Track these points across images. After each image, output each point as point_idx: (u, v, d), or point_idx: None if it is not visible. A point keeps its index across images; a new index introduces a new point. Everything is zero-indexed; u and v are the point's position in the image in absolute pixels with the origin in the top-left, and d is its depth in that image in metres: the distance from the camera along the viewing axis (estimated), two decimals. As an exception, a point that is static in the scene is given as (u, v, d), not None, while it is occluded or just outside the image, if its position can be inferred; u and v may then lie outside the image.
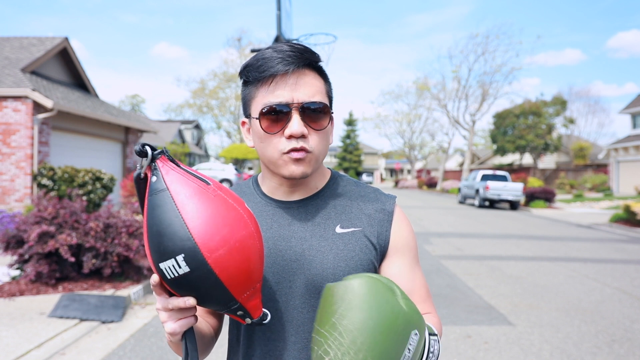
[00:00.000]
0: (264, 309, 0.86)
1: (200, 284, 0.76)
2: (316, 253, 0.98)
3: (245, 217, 0.81)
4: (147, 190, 0.80)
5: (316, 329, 0.78)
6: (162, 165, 0.79)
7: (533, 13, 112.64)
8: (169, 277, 0.76)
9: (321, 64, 1.00)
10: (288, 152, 0.94)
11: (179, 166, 0.81)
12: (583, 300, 5.84)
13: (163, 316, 0.81)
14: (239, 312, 0.82)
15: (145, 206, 0.79)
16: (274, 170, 0.99)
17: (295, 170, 0.95)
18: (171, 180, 0.78)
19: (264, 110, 0.94)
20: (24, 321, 4.52)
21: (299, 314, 0.97)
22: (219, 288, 0.76)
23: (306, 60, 0.95)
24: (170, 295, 0.81)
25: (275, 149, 0.96)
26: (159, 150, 0.80)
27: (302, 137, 0.94)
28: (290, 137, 0.94)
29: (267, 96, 0.94)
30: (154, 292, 0.83)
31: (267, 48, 0.96)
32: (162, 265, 0.76)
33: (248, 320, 0.83)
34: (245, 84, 1.00)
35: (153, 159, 0.79)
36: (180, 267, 0.74)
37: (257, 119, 0.96)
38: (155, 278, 0.79)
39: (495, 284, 6.62)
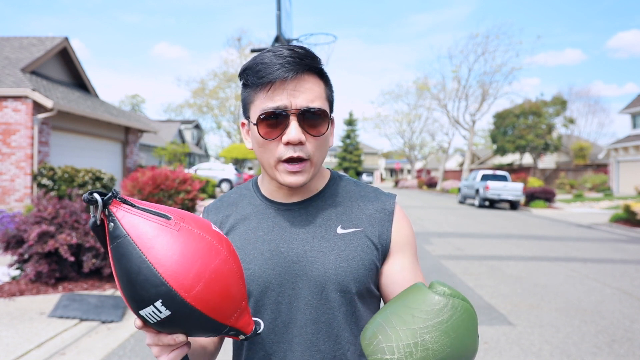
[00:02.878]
0: (255, 319, 0.85)
1: (185, 321, 0.74)
2: (318, 254, 0.98)
3: (215, 243, 0.77)
4: (107, 239, 0.75)
5: (387, 320, 0.77)
6: (117, 209, 0.75)
7: (533, 13, 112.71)
8: (151, 322, 0.74)
9: (322, 67, 0.99)
10: (285, 161, 0.94)
11: (134, 206, 0.76)
12: (583, 300, 5.84)
13: (155, 351, 0.80)
14: (232, 332, 0.81)
15: (110, 255, 0.76)
16: (272, 176, 0.99)
17: (293, 181, 0.96)
18: (129, 224, 0.74)
19: (261, 117, 0.94)
20: (24, 321, 4.52)
21: (302, 315, 0.97)
22: (205, 321, 0.75)
23: (306, 65, 0.94)
24: (159, 332, 0.79)
25: (272, 156, 0.96)
26: (109, 195, 0.75)
27: (300, 143, 0.93)
28: (288, 143, 0.93)
29: (266, 102, 0.93)
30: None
31: (267, 51, 0.95)
32: (142, 312, 0.73)
33: (242, 337, 0.82)
34: (245, 86, 0.99)
35: (105, 205, 0.74)
36: (160, 312, 0.72)
37: (255, 124, 0.96)
38: (138, 322, 0.77)
39: (495, 284, 6.62)
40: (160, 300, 0.72)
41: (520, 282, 6.72)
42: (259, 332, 0.85)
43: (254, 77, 0.94)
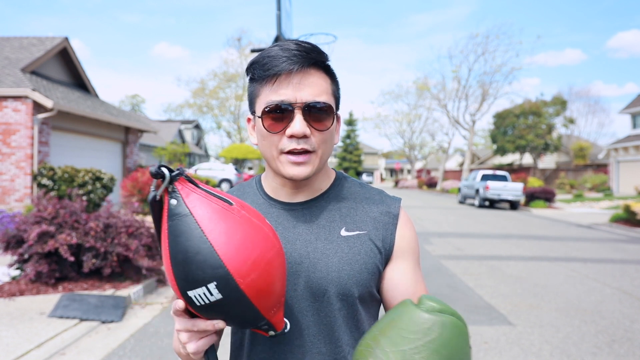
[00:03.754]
0: (285, 319, 0.86)
1: (232, 308, 0.74)
2: (321, 256, 0.97)
3: (271, 235, 0.78)
4: (166, 214, 0.75)
5: (378, 342, 0.76)
6: (182, 187, 0.75)
7: (534, 13, 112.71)
8: (197, 304, 0.74)
9: (328, 62, 0.98)
10: (288, 152, 0.94)
11: (198, 187, 0.77)
12: (583, 300, 5.84)
13: (184, 337, 0.79)
14: (265, 327, 0.81)
15: (165, 232, 0.74)
16: (275, 169, 0.98)
17: (297, 172, 0.94)
18: (193, 203, 0.74)
19: (266, 109, 0.93)
20: (24, 321, 4.52)
21: (303, 317, 0.96)
22: (250, 310, 0.75)
23: (312, 59, 0.93)
24: (192, 315, 0.78)
25: (275, 148, 0.95)
26: (177, 172, 0.75)
27: (304, 137, 0.93)
28: (292, 136, 0.93)
29: (271, 95, 0.93)
30: (173, 315, 0.80)
31: (274, 45, 0.95)
32: (191, 293, 0.73)
33: (272, 333, 0.82)
34: (251, 80, 0.98)
35: (171, 181, 0.74)
36: (212, 294, 0.72)
37: (260, 117, 0.95)
38: (180, 304, 0.76)
39: (495, 284, 6.62)
40: (215, 283, 0.71)
41: (520, 282, 6.72)
42: (286, 331, 0.85)
43: (260, 69, 0.94)
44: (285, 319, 0.86)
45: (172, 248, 0.73)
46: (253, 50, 11.27)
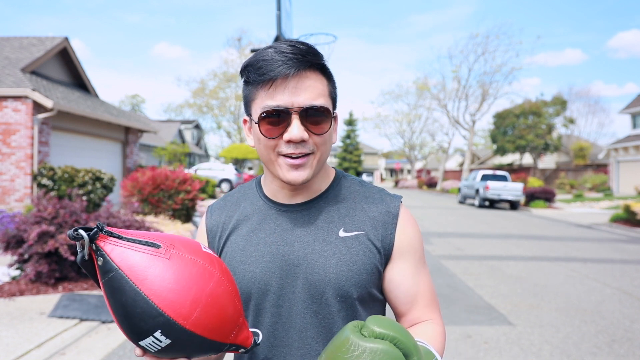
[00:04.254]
0: (253, 330, 0.86)
1: (186, 347, 0.74)
2: (319, 258, 0.96)
3: (207, 266, 0.77)
4: (98, 274, 0.74)
5: None
6: (104, 243, 0.73)
7: (534, 13, 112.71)
8: (152, 351, 0.74)
9: (325, 63, 0.97)
10: (285, 156, 0.93)
11: (121, 238, 0.75)
12: (583, 300, 5.84)
13: None
14: (232, 348, 0.81)
15: (103, 290, 0.75)
16: (273, 173, 0.97)
17: (296, 177, 0.94)
18: (119, 257, 0.72)
19: (263, 115, 0.92)
20: (24, 321, 4.52)
21: (301, 319, 0.96)
22: (205, 343, 0.75)
23: (308, 62, 0.92)
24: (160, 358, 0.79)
25: (273, 152, 0.94)
26: (94, 230, 0.73)
27: (302, 141, 0.92)
28: (290, 141, 0.92)
29: (267, 100, 0.92)
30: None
31: (269, 47, 0.93)
32: (142, 343, 0.73)
33: (242, 351, 0.83)
34: (246, 83, 0.97)
35: (92, 241, 0.73)
36: (160, 341, 0.72)
37: (256, 123, 0.94)
38: (138, 352, 0.77)
39: (495, 284, 6.62)
40: (160, 331, 0.71)
41: (520, 282, 6.72)
42: (258, 343, 0.85)
43: (255, 74, 0.92)
44: (254, 330, 0.86)
45: (112, 305, 0.73)
46: (253, 50, 11.27)
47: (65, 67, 15.79)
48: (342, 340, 0.76)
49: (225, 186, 25.54)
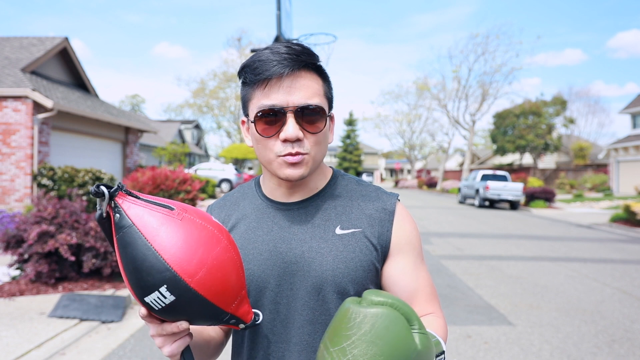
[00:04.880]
0: (254, 310, 0.88)
1: (189, 307, 0.77)
2: (315, 255, 0.97)
3: (216, 232, 0.81)
4: (113, 229, 0.79)
5: (325, 344, 0.78)
6: (122, 201, 0.78)
7: (534, 13, 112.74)
8: (156, 309, 0.77)
9: (320, 63, 0.99)
10: (284, 156, 0.94)
11: (139, 198, 0.79)
12: (583, 300, 5.84)
13: (158, 341, 0.82)
14: (232, 321, 0.83)
15: (116, 245, 0.78)
16: (271, 171, 0.99)
17: (292, 173, 0.95)
18: (134, 214, 0.77)
19: (259, 114, 0.94)
20: (24, 321, 4.52)
21: (299, 315, 0.97)
22: (207, 307, 0.78)
23: (302, 62, 0.94)
24: (162, 321, 0.81)
25: (270, 152, 0.96)
26: (115, 188, 0.78)
27: (298, 140, 0.93)
28: (286, 140, 0.93)
29: (262, 99, 0.94)
30: (144, 321, 0.82)
31: (265, 49, 0.95)
32: (147, 299, 0.76)
33: (242, 326, 0.85)
34: (243, 84, 0.99)
35: (111, 197, 0.78)
36: (165, 297, 0.75)
37: (252, 122, 0.96)
38: (143, 311, 0.80)
39: (495, 284, 6.62)
40: (165, 286, 0.74)
41: (520, 282, 6.72)
42: (257, 322, 0.87)
43: (251, 74, 0.95)
44: (256, 310, 0.89)
45: (123, 259, 0.77)
46: (253, 50, 11.26)
47: (65, 67, 15.78)
48: (342, 312, 0.77)
49: (225, 186, 25.53)
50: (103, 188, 0.77)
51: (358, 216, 1.01)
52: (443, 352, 0.85)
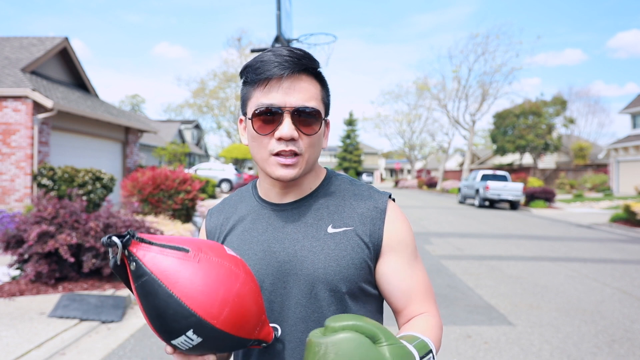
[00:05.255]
0: (272, 325, 0.92)
1: (216, 344, 0.79)
2: (308, 254, 0.99)
3: (233, 268, 0.82)
4: (130, 277, 0.79)
5: None
6: (137, 250, 0.77)
7: (534, 13, 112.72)
8: (183, 349, 0.79)
9: (320, 70, 1.02)
10: (277, 155, 0.97)
11: (152, 243, 0.79)
12: (583, 300, 5.84)
13: None
14: (255, 343, 0.86)
15: (135, 293, 0.79)
16: (264, 170, 1.01)
17: (284, 174, 0.98)
18: (151, 262, 0.77)
19: (256, 112, 0.97)
20: (24, 321, 4.52)
21: (292, 313, 0.99)
22: (233, 340, 0.80)
23: (303, 65, 0.97)
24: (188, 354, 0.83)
25: (265, 150, 0.98)
26: (127, 238, 0.77)
27: (292, 140, 0.96)
28: (280, 139, 0.96)
29: (261, 98, 0.97)
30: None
31: (268, 51, 0.98)
32: (174, 342, 0.78)
33: (264, 345, 0.88)
34: (244, 84, 1.02)
35: (125, 247, 0.77)
36: (192, 340, 0.77)
37: (250, 119, 0.99)
38: (169, 349, 0.81)
39: (495, 284, 6.62)
40: (192, 330, 0.76)
41: (520, 282, 6.72)
42: (278, 336, 0.91)
43: (252, 73, 0.98)
44: (274, 325, 0.92)
45: (145, 307, 0.78)
46: (253, 50, 11.26)
47: (65, 67, 15.78)
48: (308, 347, 0.78)
49: (225, 186, 25.53)
50: (115, 239, 0.76)
51: (350, 215, 1.03)
52: (430, 352, 0.85)
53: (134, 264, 0.77)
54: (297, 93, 0.96)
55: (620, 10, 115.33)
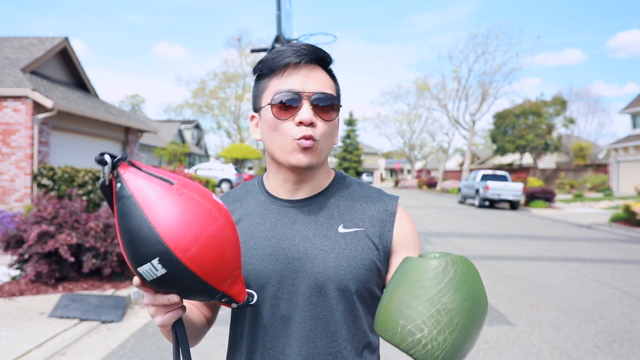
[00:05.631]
0: (248, 291, 0.89)
1: (180, 281, 0.78)
2: (318, 252, 0.99)
3: (213, 211, 0.81)
4: (114, 197, 0.80)
5: (404, 302, 0.78)
6: (124, 171, 0.79)
7: (534, 13, 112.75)
8: (148, 280, 0.78)
9: (332, 66, 1.04)
10: (299, 139, 0.96)
11: (141, 170, 0.80)
12: (583, 300, 5.84)
13: (151, 310, 0.84)
14: (224, 299, 0.84)
15: (115, 213, 0.80)
16: (282, 158, 1.00)
17: (302, 159, 0.97)
18: (135, 185, 0.78)
19: (275, 97, 0.97)
20: (24, 321, 4.52)
21: (300, 311, 0.98)
22: (198, 283, 0.78)
23: (319, 57, 0.99)
24: (155, 291, 0.83)
25: (286, 135, 0.98)
26: (119, 157, 0.79)
27: (312, 124, 0.97)
28: (300, 124, 0.96)
29: (279, 84, 0.98)
30: (139, 290, 0.84)
31: (283, 45, 1.01)
32: (140, 270, 0.77)
33: (234, 305, 0.86)
34: (259, 77, 1.04)
35: (114, 167, 0.79)
36: (157, 269, 0.76)
37: (269, 105, 0.99)
38: (136, 280, 0.81)
39: (495, 284, 6.62)
40: (158, 259, 0.75)
41: (520, 282, 6.72)
42: (251, 302, 0.88)
43: (270, 62, 1.00)
44: (251, 291, 0.90)
45: (120, 228, 0.78)
46: (253, 50, 11.27)
47: (65, 67, 15.78)
48: (417, 267, 0.80)
49: (225, 186, 25.54)
50: (106, 157, 0.78)
51: (360, 216, 1.03)
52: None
53: (120, 184, 0.78)
54: (315, 80, 0.98)
55: (620, 10, 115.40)
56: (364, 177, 60.76)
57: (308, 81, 0.97)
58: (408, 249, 1.04)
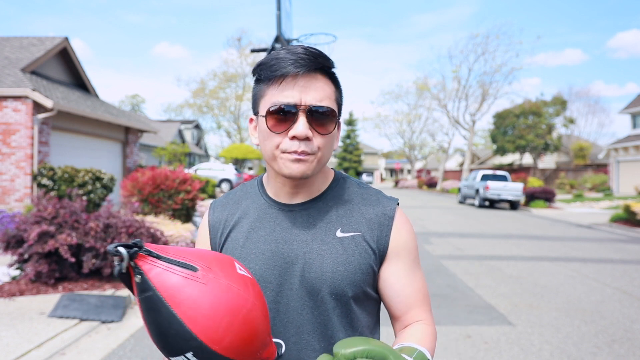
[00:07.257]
0: (276, 341, 0.89)
1: None
2: (316, 257, 0.99)
3: (241, 292, 0.78)
4: (135, 288, 0.76)
5: None
6: (143, 263, 0.75)
7: (534, 13, 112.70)
8: None
9: (334, 70, 1.01)
10: (290, 153, 0.95)
11: (159, 258, 0.76)
12: (583, 300, 5.84)
13: None
14: None
15: (139, 305, 0.77)
16: (275, 168, 0.99)
17: (295, 169, 0.96)
18: (156, 278, 0.74)
19: (271, 109, 0.95)
20: (24, 321, 4.52)
21: (298, 315, 0.99)
22: None
23: (318, 64, 0.96)
24: None
25: (277, 148, 0.96)
26: (134, 250, 0.74)
27: (306, 139, 0.94)
28: (294, 138, 0.94)
29: (276, 95, 0.95)
30: None
31: (283, 49, 0.97)
32: (174, 359, 0.76)
33: None
34: (257, 81, 1.01)
35: (131, 259, 0.75)
36: None
37: (264, 116, 0.97)
38: None
39: (495, 284, 6.62)
40: (192, 352, 0.74)
41: (520, 282, 6.72)
42: (280, 354, 0.88)
43: (267, 70, 0.97)
44: (277, 341, 0.90)
45: (147, 320, 0.76)
46: (253, 50, 11.27)
47: (65, 67, 15.78)
48: None
49: (225, 186, 25.54)
50: (122, 249, 0.73)
51: (358, 220, 1.03)
52: None
53: (139, 277, 0.74)
54: (313, 92, 0.95)
55: (620, 10, 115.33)
56: (364, 177, 60.80)
57: (306, 92, 0.94)
58: (401, 258, 1.03)
